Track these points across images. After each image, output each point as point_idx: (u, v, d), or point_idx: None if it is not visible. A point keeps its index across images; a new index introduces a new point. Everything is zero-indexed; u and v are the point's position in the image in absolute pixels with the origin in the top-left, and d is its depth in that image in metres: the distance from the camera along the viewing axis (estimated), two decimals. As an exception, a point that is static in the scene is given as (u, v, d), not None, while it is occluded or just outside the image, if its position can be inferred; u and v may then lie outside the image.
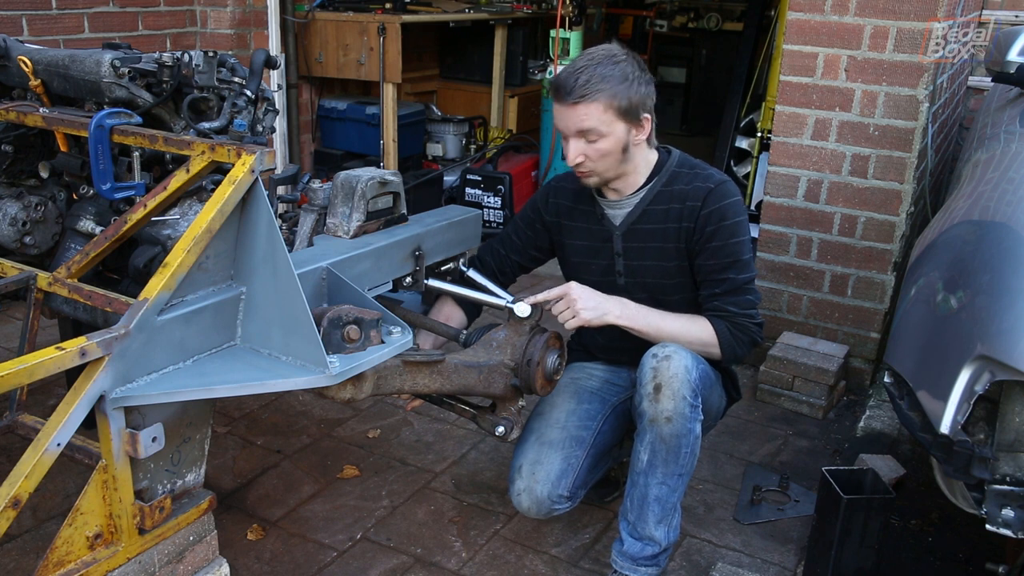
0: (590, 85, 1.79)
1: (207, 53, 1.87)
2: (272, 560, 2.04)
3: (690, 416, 1.77)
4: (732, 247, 1.89)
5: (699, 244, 1.91)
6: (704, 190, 1.91)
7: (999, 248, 1.62)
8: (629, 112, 1.83)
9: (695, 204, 1.90)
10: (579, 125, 1.83)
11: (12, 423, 1.81)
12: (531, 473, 1.92)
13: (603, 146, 1.84)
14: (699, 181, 1.93)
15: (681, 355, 1.78)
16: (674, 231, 1.93)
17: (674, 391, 1.75)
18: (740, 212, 1.91)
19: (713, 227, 1.88)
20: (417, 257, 2.01)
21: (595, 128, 1.82)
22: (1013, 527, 1.56)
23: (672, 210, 1.93)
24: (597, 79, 1.79)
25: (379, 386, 1.67)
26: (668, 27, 7.24)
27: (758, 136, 4.34)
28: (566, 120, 1.85)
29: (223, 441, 2.52)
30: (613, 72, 1.80)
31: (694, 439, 1.80)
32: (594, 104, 1.80)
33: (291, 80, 4.33)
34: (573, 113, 1.82)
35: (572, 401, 2.03)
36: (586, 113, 1.81)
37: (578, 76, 1.80)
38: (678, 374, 1.75)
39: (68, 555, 1.46)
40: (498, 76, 4.98)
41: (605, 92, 1.80)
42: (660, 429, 1.77)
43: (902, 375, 1.79)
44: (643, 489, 1.83)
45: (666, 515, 1.84)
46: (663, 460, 1.80)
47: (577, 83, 1.80)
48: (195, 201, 1.78)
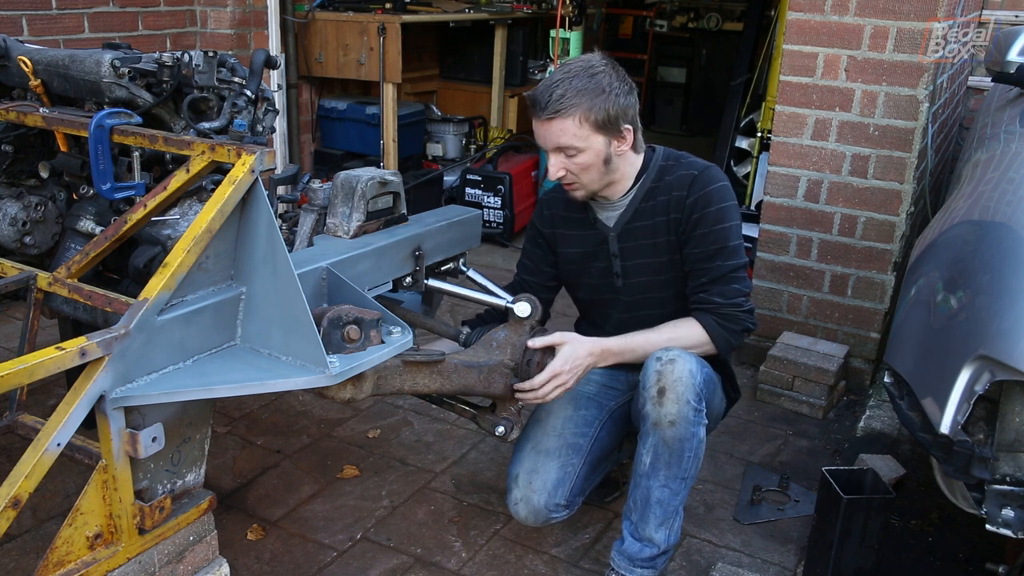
0: (564, 100, 1.75)
1: (207, 53, 1.87)
2: (272, 560, 2.04)
3: (694, 420, 1.76)
4: (718, 233, 1.87)
5: (686, 233, 1.89)
6: (688, 178, 1.89)
7: (999, 248, 1.62)
8: (607, 125, 1.79)
9: (681, 193, 1.89)
10: (556, 141, 1.80)
11: (12, 423, 1.81)
12: (528, 483, 1.91)
13: (582, 160, 1.81)
14: (683, 170, 1.91)
15: (685, 359, 1.77)
16: (663, 224, 1.92)
17: (678, 395, 1.74)
18: (726, 197, 1.88)
19: (699, 214, 1.86)
20: (417, 257, 2.01)
21: (571, 144, 1.79)
22: (1013, 527, 1.56)
23: (659, 203, 1.91)
24: (572, 93, 1.75)
25: (379, 386, 1.67)
26: (668, 27, 7.25)
27: (758, 136, 4.34)
28: (544, 136, 1.82)
29: (223, 441, 2.52)
30: (588, 85, 1.76)
31: (698, 443, 1.79)
32: (568, 119, 1.76)
33: (291, 80, 4.33)
34: (548, 129, 1.79)
35: (569, 407, 2.02)
36: (561, 129, 1.77)
37: (552, 91, 1.76)
38: (682, 378, 1.74)
39: (68, 555, 1.46)
40: (498, 76, 4.98)
41: (580, 107, 1.75)
42: (663, 433, 1.77)
43: (902, 375, 1.79)
44: (645, 491, 1.83)
45: (668, 518, 1.84)
46: (666, 463, 1.79)
47: (552, 98, 1.76)
48: (195, 201, 1.78)
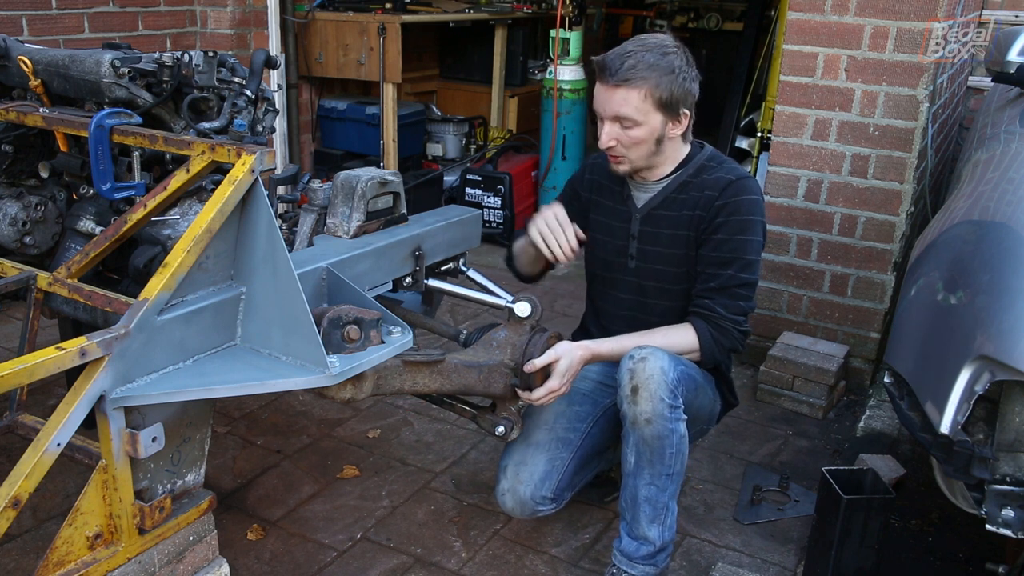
0: (635, 71, 1.76)
1: (207, 53, 1.87)
2: (272, 560, 2.04)
3: (670, 416, 1.76)
4: (738, 243, 1.86)
5: (706, 233, 1.89)
6: (724, 181, 1.89)
7: (999, 248, 1.62)
8: (669, 105, 1.81)
9: (713, 194, 1.89)
10: (616, 110, 1.80)
11: (12, 423, 1.81)
12: (515, 474, 1.93)
13: (637, 134, 1.82)
14: (722, 173, 1.91)
15: (657, 356, 1.76)
16: (687, 219, 1.91)
17: (651, 392, 1.74)
18: (755, 211, 1.88)
19: (724, 219, 1.86)
20: (417, 257, 2.01)
21: (631, 116, 1.80)
22: (1013, 527, 1.56)
23: (690, 199, 1.91)
24: (643, 66, 1.76)
25: (379, 386, 1.68)
26: (668, 27, 7.24)
27: (758, 136, 4.33)
28: (605, 102, 1.82)
29: (223, 441, 2.51)
30: (660, 62, 1.77)
31: (678, 439, 1.79)
32: (635, 90, 1.78)
33: (291, 80, 4.33)
34: (613, 96, 1.80)
35: (562, 403, 2.02)
36: (625, 98, 1.78)
37: (625, 59, 1.77)
38: (654, 375, 1.74)
39: (68, 555, 1.46)
40: (498, 76, 4.98)
41: (648, 80, 1.77)
42: (641, 431, 1.77)
43: (902, 375, 1.79)
44: (633, 490, 1.84)
45: (658, 515, 1.84)
46: (648, 461, 1.80)
47: (623, 66, 1.76)
48: (195, 201, 1.78)
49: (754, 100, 4.57)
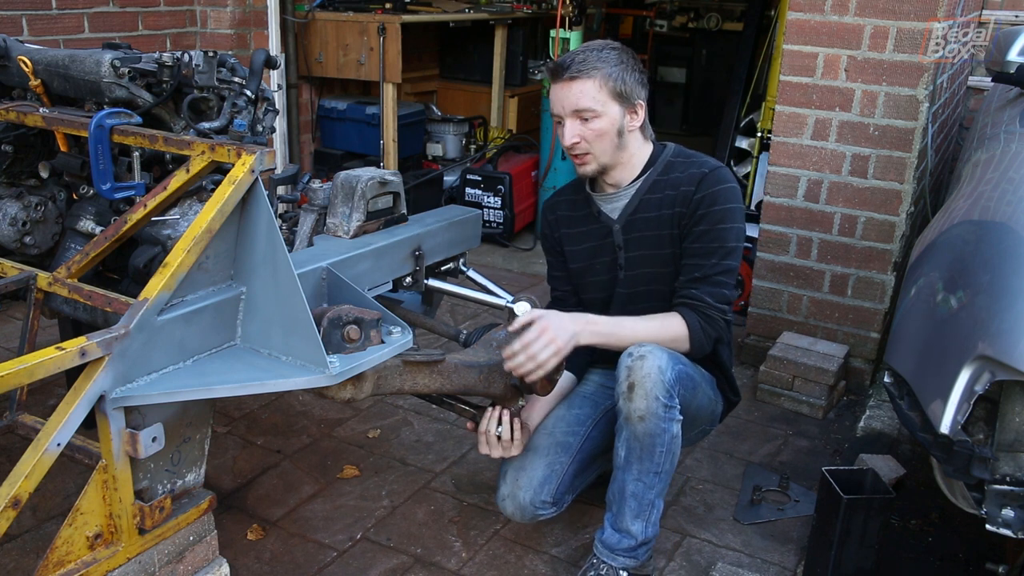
0: (587, 64, 1.84)
1: (207, 53, 1.87)
2: (272, 560, 2.04)
3: (664, 416, 1.77)
4: (720, 232, 1.88)
5: (687, 227, 1.91)
6: (699, 175, 1.91)
7: (999, 248, 1.62)
8: (623, 95, 1.86)
9: (689, 189, 1.91)
10: (575, 103, 1.85)
11: (12, 423, 1.81)
12: (515, 479, 1.94)
13: (599, 125, 1.86)
14: (694, 167, 1.93)
15: (656, 355, 1.77)
16: (668, 217, 1.93)
17: (647, 391, 1.75)
18: (733, 199, 1.90)
19: (704, 210, 1.88)
20: (417, 257, 2.01)
21: (590, 107, 1.85)
22: (1013, 527, 1.56)
23: (667, 197, 1.93)
24: (593, 59, 1.85)
25: (379, 386, 1.67)
26: (668, 27, 7.24)
27: (758, 136, 4.34)
28: (563, 99, 1.87)
29: (223, 441, 2.52)
30: (608, 56, 1.86)
31: (670, 438, 1.79)
32: (590, 81, 1.84)
33: (291, 80, 4.33)
34: (569, 90, 1.85)
35: (562, 406, 2.04)
36: (582, 90, 1.84)
37: (575, 57, 1.86)
38: (651, 374, 1.75)
39: (68, 555, 1.46)
40: (498, 76, 4.98)
41: (600, 71, 1.84)
42: (634, 427, 1.78)
43: (902, 375, 1.79)
44: (621, 484, 1.85)
45: (643, 511, 1.85)
46: (638, 457, 1.81)
47: (574, 61, 1.85)
48: (195, 201, 1.78)
49: (754, 100, 4.57)
